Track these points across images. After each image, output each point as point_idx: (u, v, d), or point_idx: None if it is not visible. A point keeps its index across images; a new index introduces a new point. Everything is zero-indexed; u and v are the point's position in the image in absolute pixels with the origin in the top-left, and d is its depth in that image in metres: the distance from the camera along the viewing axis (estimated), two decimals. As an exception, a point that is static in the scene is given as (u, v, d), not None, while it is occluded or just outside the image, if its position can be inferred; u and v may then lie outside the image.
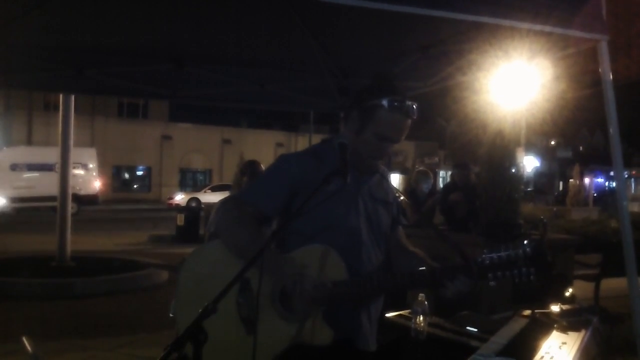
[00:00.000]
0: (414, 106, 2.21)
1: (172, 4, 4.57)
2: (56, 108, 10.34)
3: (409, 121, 2.23)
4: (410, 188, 8.18)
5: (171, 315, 2.33)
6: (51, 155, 19.82)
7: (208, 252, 2.33)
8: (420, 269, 2.17)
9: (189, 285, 2.25)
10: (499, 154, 7.45)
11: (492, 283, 2.06)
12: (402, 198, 2.60)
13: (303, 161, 2.31)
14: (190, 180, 45.78)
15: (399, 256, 2.37)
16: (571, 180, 30.64)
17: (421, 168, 8.67)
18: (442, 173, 45.11)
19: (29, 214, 23.50)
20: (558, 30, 3.48)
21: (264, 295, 2.10)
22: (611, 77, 3.65)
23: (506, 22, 3.37)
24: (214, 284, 2.19)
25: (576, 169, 29.88)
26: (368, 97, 2.23)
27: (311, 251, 2.14)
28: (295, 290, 2.06)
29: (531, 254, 2.01)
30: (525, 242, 2.03)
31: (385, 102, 2.17)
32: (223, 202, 3.06)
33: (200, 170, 46.28)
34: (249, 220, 2.22)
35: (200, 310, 1.62)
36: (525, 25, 3.41)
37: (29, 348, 3.19)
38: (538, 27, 3.42)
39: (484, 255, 2.05)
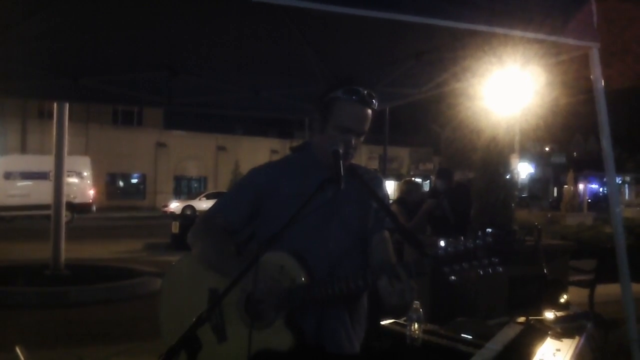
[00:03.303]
0: (371, 95, 2.23)
1: (167, 12, 4.58)
2: (50, 116, 10.31)
3: (369, 110, 2.24)
4: (400, 198, 8.15)
5: None
6: (45, 163, 19.78)
7: (187, 263, 2.41)
8: (369, 270, 2.08)
9: (171, 295, 2.39)
10: (494, 160, 7.48)
11: (452, 278, 1.91)
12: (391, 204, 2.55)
13: (268, 171, 2.38)
14: (185, 188, 45.73)
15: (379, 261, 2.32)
16: (565, 186, 30.70)
17: (408, 178, 8.70)
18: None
19: (23, 222, 23.41)
20: (550, 37, 3.51)
21: (231, 304, 2.15)
22: (603, 83, 3.68)
23: (500, 30, 3.40)
24: (194, 293, 2.27)
25: (570, 174, 29.96)
26: (326, 94, 2.27)
27: (274, 258, 2.14)
28: (259, 297, 2.08)
29: (493, 243, 1.89)
30: (487, 231, 1.91)
31: (340, 93, 2.21)
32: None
33: (195, 177, 46.25)
34: (216, 231, 2.29)
35: (194, 319, 1.63)
36: (518, 33, 3.44)
37: (22, 358, 3.18)
38: (531, 34, 3.45)
39: (438, 249, 1.94)
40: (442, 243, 1.94)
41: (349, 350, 2.29)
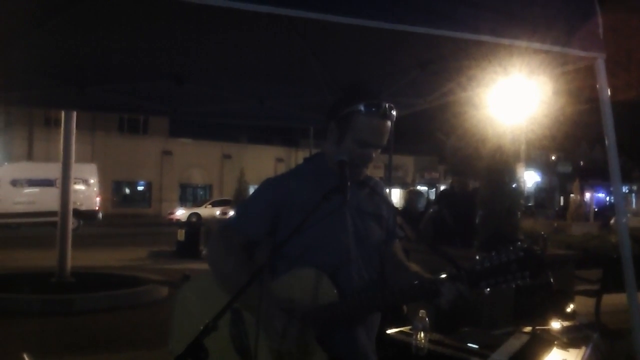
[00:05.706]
0: (392, 108, 2.20)
1: (173, 22, 4.60)
2: (57, 123, 10.38)
3: (388, 123, 2.21)
4: (404, 208, 8.28)
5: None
6: (52, 170, 19.86)
7: (201, 282, 2.35)
8: (410, 284, 2.11)
9: (188, 310, 2.29)
10: (499, 168, 7.46)
11: (487, 291, 1.99)
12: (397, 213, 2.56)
13: (285, 183, 2.32)
14: (190, 196, 45.77)
15: (394, 271, 2.33)
16: (572, 195, 30.62)
17: (412, 188, 8.92)
18: (442, 187, 45.08)
19: (29, 229, 23.46)
20: (556, 48, 3.51)
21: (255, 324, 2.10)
22: (609, 94, 3.67)
23: (505, 41, 3.40)
24: (208, 314, 2.21)
25: (576, 183, 29.90)
26: (344, 106, 2.23)
27: (299, 275, 2.13)
28: (287, 317, 2.04)
29: (524, 258, 1.94)
30: (518, 246, 1.96)
31: (361, 107, 2.17)
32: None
33: (201, 185, 46.30)
34: (235, 247, 2.22)
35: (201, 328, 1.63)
36: (523, 43, 3.43)
37: (29, 365, 3.19)
38: (536, 45, 3.45)
39: (475, 263, 2.00)
40: (478, 258, 2.00)
41: None
